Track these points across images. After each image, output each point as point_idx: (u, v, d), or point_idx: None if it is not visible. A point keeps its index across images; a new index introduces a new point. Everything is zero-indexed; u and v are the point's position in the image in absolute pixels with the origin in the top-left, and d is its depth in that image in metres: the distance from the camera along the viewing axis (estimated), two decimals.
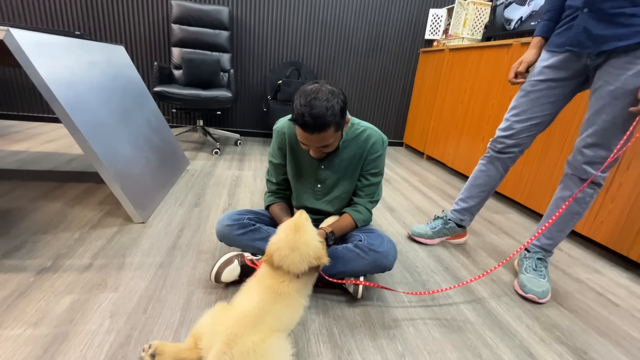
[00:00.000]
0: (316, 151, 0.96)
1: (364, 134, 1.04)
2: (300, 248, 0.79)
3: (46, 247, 1.11)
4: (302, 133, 0.89)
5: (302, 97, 0.86)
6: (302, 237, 0.80)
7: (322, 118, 0.83)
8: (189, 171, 2.04)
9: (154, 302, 0.92)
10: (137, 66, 2.82)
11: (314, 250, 0.81)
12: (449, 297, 1.09)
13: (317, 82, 0.90)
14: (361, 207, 1.09)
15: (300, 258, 0.79)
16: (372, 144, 1.04)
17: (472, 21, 2.58)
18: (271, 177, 1.16)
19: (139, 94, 1.79)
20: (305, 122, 0.84)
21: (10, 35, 1.01)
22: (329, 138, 0.90)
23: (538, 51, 1.16)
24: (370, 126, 1.06)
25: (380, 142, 1.05)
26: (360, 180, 1.10)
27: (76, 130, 1.16)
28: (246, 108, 3.12)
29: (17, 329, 0.78)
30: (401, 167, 2.68)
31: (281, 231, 0.83)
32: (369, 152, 1.05)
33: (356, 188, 1.11)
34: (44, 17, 2.59)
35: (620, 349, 0.93)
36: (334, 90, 0.88)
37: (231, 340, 0.64)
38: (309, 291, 0.86)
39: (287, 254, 0.78)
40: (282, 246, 0.79)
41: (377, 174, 1.09)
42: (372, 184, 1.09)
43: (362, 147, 1.05)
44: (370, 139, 1.04)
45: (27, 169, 1.78)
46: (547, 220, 1.17)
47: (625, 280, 1.29)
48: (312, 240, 0.81)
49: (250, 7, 2.81)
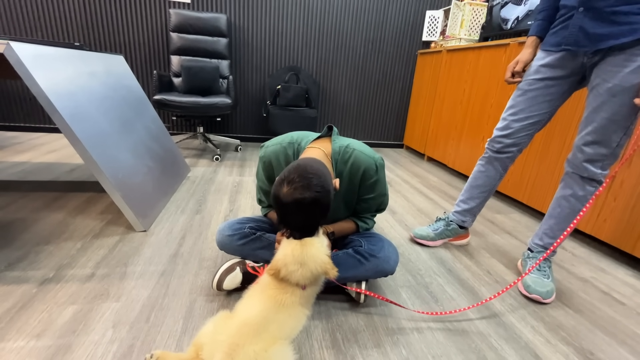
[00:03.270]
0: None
1: (352, 161, 0.95)
2: (308, 263, 0.77)
3: (48, 257, 1.12)
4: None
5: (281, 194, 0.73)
6: (309, 252, 0.78)
7: (304, 221, 0.76)
8: (190, 178, 2.04)
9: (157, 311, 0.92)
10: (136, 75, 2.84)
11: (322, 265, 0.79)
12: (452, 299, 1.08)
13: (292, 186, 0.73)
14: (365, 218, 1.08)
15: (308, 273, 0.78)
16: (363, 173, 0.96)
17: (468, 22, 2.59)
18: (262, 197, 1.12)
19: (139, 103, 1.81)
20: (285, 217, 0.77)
21: (10, 48, 1.03)
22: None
23: (533, 50, 1.16)
24: (360, 149, 0.96)
25: (373, 167, 0.96)
26: (359, 204, 1.05)
27: (77, 141, 1.17)
28: (246, 114, 3.13)
29: (21, 340, 0.78)
30: (402, 168, 2.68)
31: (287, 246, 0.80)
32: (362, 181, 0.98)
33: (357, 210, 1.07)
34: (43, 29, 2.61)
35: (626, 348, 0.92)
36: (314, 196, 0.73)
37: (233, 350, 0.63)
38: (312, 300, 0.86)
39: (295, 270, 0.77)
40: (289, 262, 0.77)
41: (376, 197, 1.03)
42: (373, 205, 1.05)
43: (354, 176, 0.97)
44: (361, 168, 0.95)
45: (29, 179, 1.79)
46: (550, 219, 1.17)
47: (630, 279, 1.28)
48: (319, 255, 0.79)
49: (248, 13, 2.83)
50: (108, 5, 2.63)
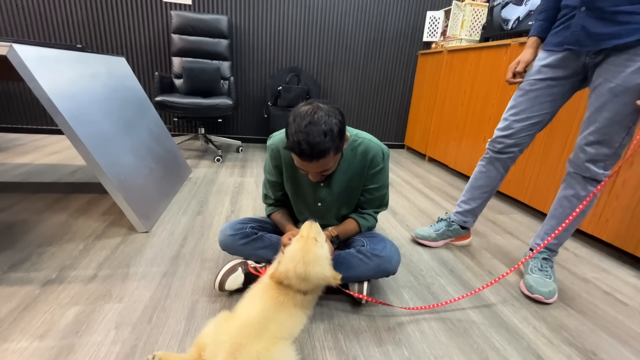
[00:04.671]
0: (315, 176, 0.91)
1: (362, 147, 0.98)
2: (311, 279, 0.79)
3: (51, 258, 1.12)
4: (299, 161, 0.83)
5: (296, 122, 0.79)
6: (313, 270, 0.78)
7: (320, 144, 0.77)
8: (192, 179, 2.05)
9: (159, 311, 0.92)
10: (138, 77, 2.85)
11: (324, 279, 0.81)
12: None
13: (310, 103, 0.82)
14: (367, 215, 1.09)
15: (310, 286, 0.80)
16: (371, 158, 0.99)
17: (469, 22, 2.59)
18: (269, 193, 1.12)
19: (141, 104, 1.81)
20: (302, 150, 0.78)
21: (13, 51, 1.03)
22: (329, 162, 0.84)
23: (534, 51, 1.16)
24: (369, 137, 1.00)
25: (380, 155, 0.99)
26: (363, 194, 1.06)
27: (79, 142, 1.17)
28: (247, 115, 3.13)
29: (24, 341, 0.78)
30: (403, 169, 2.68)
31: (289, 261, 0.79)
32: (369, 167, 1.00)
33: (360, 202, 1.08)
34: (46, 31, 2.63)
35: (629, 349, 0.92)
36: (330, 109, 0.80)
37: (235, 350, 0.64)
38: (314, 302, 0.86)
39: (298, 284, 0.79)
40: (291, 276, 0.78)
41: (380, 187, 1.04)
42: (376, 197, 1.07)
43: (362, 162, 0.99)
44: (369, 153, 0.98)
45: (32, 181, 1.79)
46: (552, 220, 1.17)
47: (632, 279, 1.27)
48: (322, 271, 0.80)
49: (249, 15, 2.84)
50: (110, 7, 2.64)
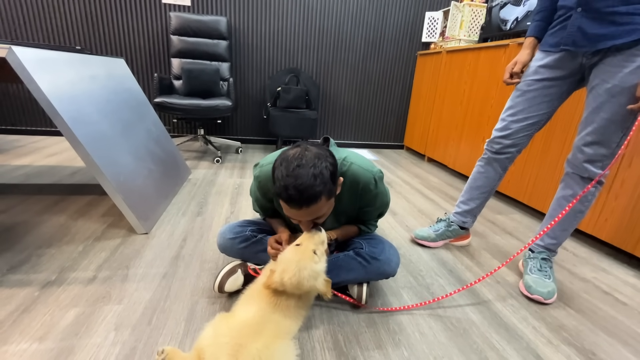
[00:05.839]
0: (307, 225, 0.83)
1: (350, 174, 0.90)
2: (305, 289, 0.79)
3: (50, 260, 1.12)
4: (288, 209, 0.75)
5: (283, 165, 0.73)
6: (307, 284, 0.78)
7: (310, 189, 0.70)
8: (191, 180, 2.05)
9: (159, 313, 0.92)
10: (137, 78, 2.85)
11: (318, 291, 0.82)
12: (453, 300, 1.08)
13: (298, 146, 0.76)
14: (368, 224, 1.08)
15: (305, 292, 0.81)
16: (362, 188, 0.92)
17: (468, 23, 2.59)
18: (259, 211, 1.08)
19: (140, 106, 1.81)
20: (290, 196, 0.71)
21: (12, 53, 1.03)
22: (321, 209, 0.76)
23: (531, 51, 1.17)
24: (358, 162, 0.91)
25: (372, 183, 0.91)
26: (361, 213, 1.02)
27: (78, 144, 1.17)
28: (246, 116, 3.14)
29: (23, 343, 0.78)
30: (402, 169, 2.68)
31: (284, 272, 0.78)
32: (360, 196, 0.94)
33: (359, 218, 1.05)
34: (44, 33, 2.63)
35: (629, 349, 0.92)
36: (320, 152, 0.75)
37: (236, 351, 0.64)
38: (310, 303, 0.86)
39: (292, 290, 0.79)
40: (286, 285, 0.78)
41: (378, 207, 1.01)
42: (374, 213, 1.04)
43: (352, 192, 0.93)
44: (359, 184, 0.91)
45: (31, 182, 1.79)
46: (551, 220, 1.17)
47: (632, 279, 1.28)
48: (316, 286, 0.80)
49: (248, 16, 2.85)
50: (109, 8, 2.65)
